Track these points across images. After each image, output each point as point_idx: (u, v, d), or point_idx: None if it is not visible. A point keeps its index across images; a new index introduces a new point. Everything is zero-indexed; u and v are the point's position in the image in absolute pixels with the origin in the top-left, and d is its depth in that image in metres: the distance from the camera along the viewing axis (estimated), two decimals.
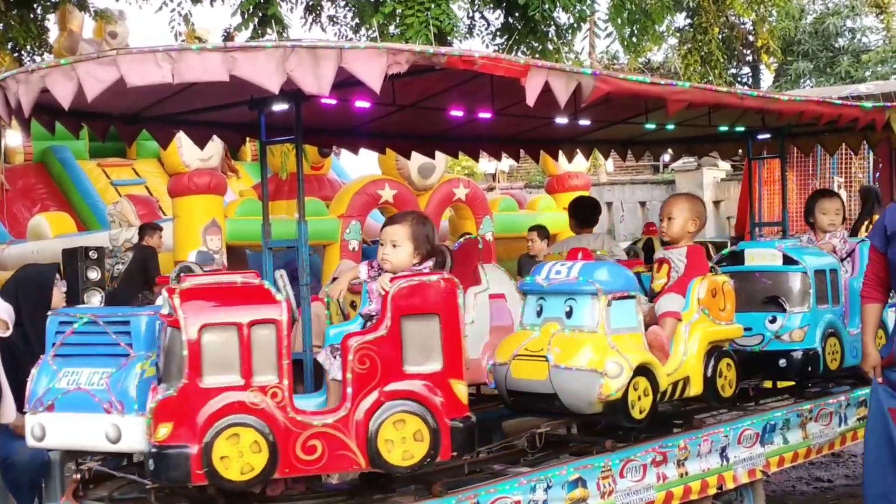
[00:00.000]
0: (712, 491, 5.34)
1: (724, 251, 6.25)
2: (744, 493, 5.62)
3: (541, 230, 11.26)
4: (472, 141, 7.43)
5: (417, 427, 3.96)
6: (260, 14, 12.08)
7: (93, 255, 12.98)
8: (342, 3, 15.63)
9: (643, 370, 4.76)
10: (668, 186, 23.69)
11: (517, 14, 12.76)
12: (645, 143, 8.22)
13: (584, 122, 6.63)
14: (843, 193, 13.28)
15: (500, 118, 6.19)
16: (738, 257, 6.18)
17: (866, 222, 11.82)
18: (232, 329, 3.78)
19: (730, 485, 5.45)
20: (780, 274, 6.00)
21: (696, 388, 5.15)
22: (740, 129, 7.11)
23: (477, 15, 14.60)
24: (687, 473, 5.20)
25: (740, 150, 8.18)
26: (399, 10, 11.30)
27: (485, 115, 6.12)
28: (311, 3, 15.18)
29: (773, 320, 5.90)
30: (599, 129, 7.21)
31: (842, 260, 6.42)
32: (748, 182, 8.12)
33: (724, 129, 7.10)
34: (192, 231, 12.77)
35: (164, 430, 3.70)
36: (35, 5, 13.66)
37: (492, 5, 13.37)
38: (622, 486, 4.85)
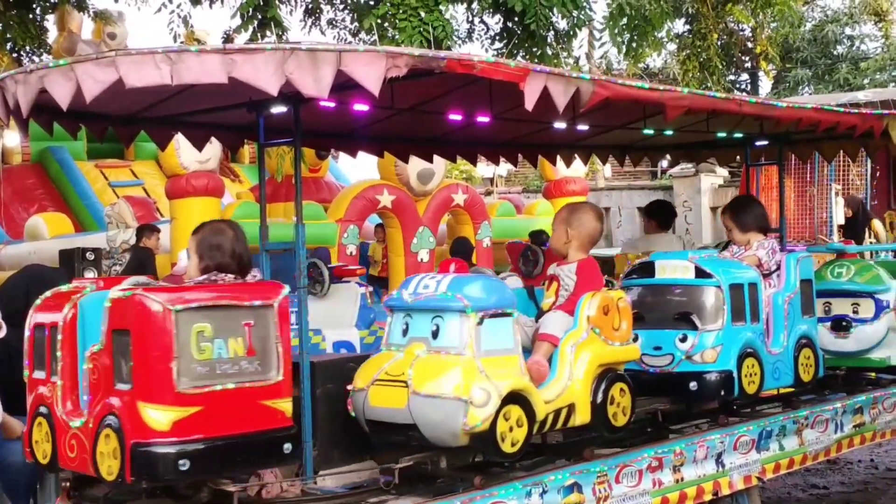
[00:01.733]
0: (708, 497, 5.34)
1: (636, 263, 5.82)
2: (739, 499, 5.61)
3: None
4: (471, 145, 7.42)
5: (114, 445, 3.74)
6: (259, 16, 12.10)
7: (90, 256, 12.97)
8: (341, 7, 15.64)
9: (516, 398, 4.25)
10: (666, 192, 23.69)
11: (515, 19, 12.77)
12: (643, 148, 8.21)
13: (583, 127, 6.63)
14: (840, 201, 13.31)
15: (499, 122, 6.18)
16: (648, 269, 5.68)
17: (866, 228, 11.85)
18: None
19: (725, 491, 5.45)
20: (692, 288, 5.47)
21: (582, 417, 4.64)
22: (738, 135, 7.10)
23: (476, 20, 14.61)
24: (683, 479, 5.21)
25: (738, 157, 8.19)
26: (392, 14, 11.30)
27: (483, 119, 6.11)
28: (310, 6, 15.19)
29: (684, 339, 5.37)
30: (598, 135, 7.21)
31: (769, 273, 6.02)
32: (746, 188, 8.13)
33: (722, 135, 7.09)
34: (190, 233, 12.76)
35: None
36: (34, 6, 13.66)
37: (490, 10, 13.37)
38: (618, 491, 4.85)
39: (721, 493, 5.42)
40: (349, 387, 4.43)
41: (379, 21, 11.40)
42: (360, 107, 5.30)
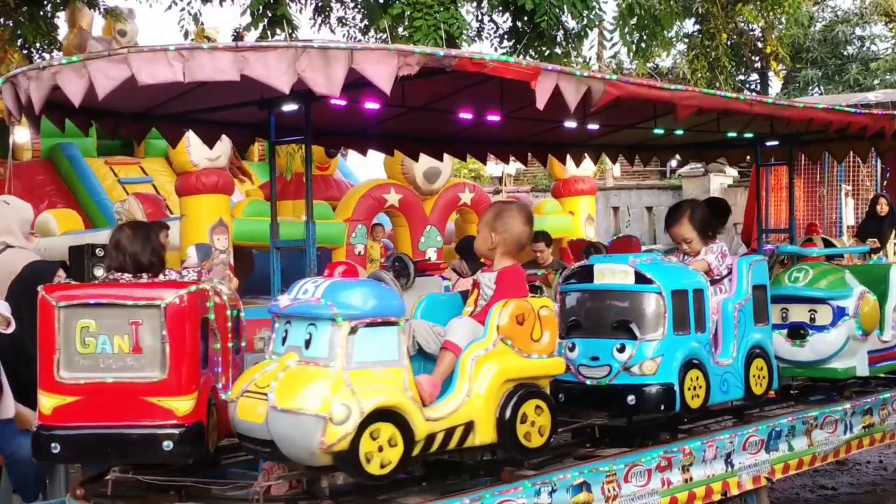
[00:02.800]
0: (717, 497, 5.34)
1: (575, 266, 5.42)
2: (748, 499, 5.61)
3: (546, 237, 11.20)
4: (481, 143, 7.44)
5: None
6: (269, 14, 12.10)
7: (99, 252, 12.91)
8: (351, 5, 15.64)
9: (387, 415, 3.87)
10: (675, 192, 23.68)
11: (525, 18, 12.77)
12: (653, 148, 8.21)
13: (593, 126, 6.63)
14: (850, 201, 13.29)
15: (509, 121, 6.19)
16: (587, 274, 5.27)
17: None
18: None
19: (734, 491, 5.44)
20: (631, 294, 5.08)
21: (484, 436, 4.20)
22: (749, 135, 7.10)
23: (486, 18, 14.60)
24: (692, 479, 5.20)
25: (748, 157, 8.18)
26: (407, 13, 11.30)
27: (494, 117, 6.12)
28: (320, 4, 15.18)
29: (622, 349, 4.99)
30: (608, 134, 7.21)
31: (719, 279, 5.66)
32: (755, 188, 8.13)
33: (732, 135, 7.09)
34: (200, 230, 12.76)
35: None
36: (45, 2, 13.68)
37: (500, 9, 13.36)
38: (627, 490, 4.85)
39: (730, 494, 5.42)
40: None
41: (392, 23, 11.41)
42: (371, 105, 5.31)
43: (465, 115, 6.16)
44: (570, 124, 6.30)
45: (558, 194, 17.02)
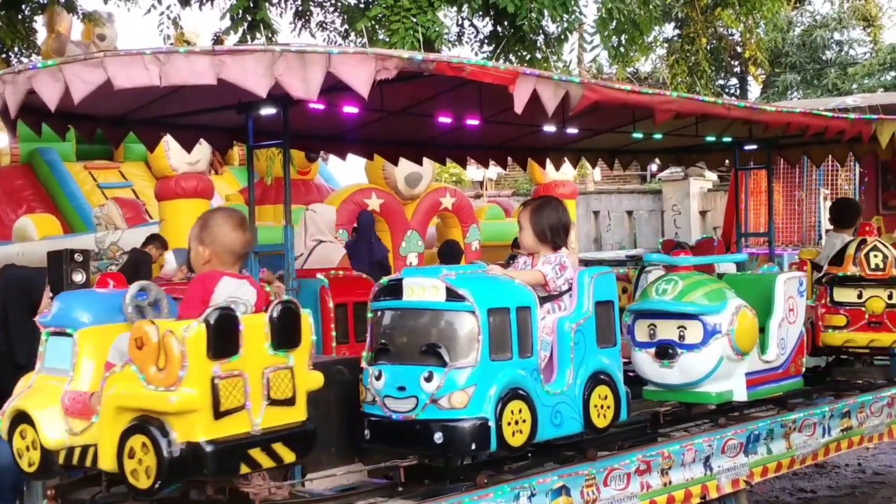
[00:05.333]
0: (696, 501, 5.34)
1: (383, 280, 4.59)
2: (727, 502, 5.61)
3: None
4: (460, 148, 7.44)
5: None
6: (249, 18, 12.07)
7: (78, 257, 12.81)
8: (331, 9, 15.62)
9: (28, 419, 3.98)
10: (656, 196, 23.76)
11: (505, 23, 12.77)
12: (632, 152, 8.24)
13: (572, 130, 6.65)
14: (828, 205, 13.35)
15: (488, 125, 6.20)
16: (398, 289, 4.49)
17: None
18: None
19: (713, 495, 5.45)
20: (441, 314, 4.33)
21: (107, 462, 3.80)
22: (727, 139, 7.13)
23: (466, 23, 14.61)
24: (671, 483, 5.21)
25: (727, 161, 8.22)
26: (385, 16, 11.29)
27: (473, 122, 6.13)
28: (300, 8, 15.16)
29: (430, 378, 4.25)
30: (587, 138, 7.23)
31: (558, 295, 4.89)
32: (734, 192, 8.16)
33: (711, 139, 7.12)
34: (179, 235, 12.72)
35: None
36: (23, 6, 13.61)
37: (480, 13, 13.37)
38: (606, 494, 4.85)
39: (709, 497, 5.43)
40: None
41: (371, 24, 11.39)
42: (350, 109, 5.31)
43: (445, 119, 6.17)
44: (550, 128, 6.31)
45: None
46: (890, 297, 6.78)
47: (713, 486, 5.45)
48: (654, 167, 23.47)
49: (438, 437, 4.22)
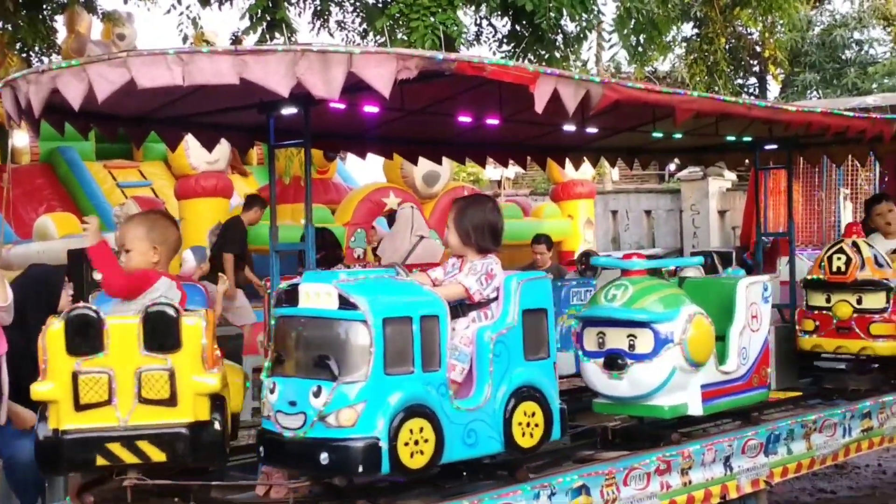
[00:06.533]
0: (716, 500, 5.34)
1: (283, 285, 4.29)
2: (747, 503, 5.60)
3: (547, 241, 11.21)
4: (480, 147, 7.45)
5: None
6: (268, 18, 12.11)
7: None
8: (350, 9, 15.65)
9: None
10: (674, 195, 23.70)
11: (524, 22, 12.77)
12: (652, 151, 8.22)
13: (592, 129, 6.64)
14: (848, 205, 13.30)
15: (508, 125, 6.20)
16: (295, 295, 4.21)
17: None
18: None
19: (733, 495, 5.45)
20: (333, 323, 4.04)
21: None
22: (747, 139, 7.11)
23: (484, 22, 14.61)
24: (690, 482, 5.20)
25: (747, 160, 8.19)
26: (404, 14, 11.30)
27: (493, 121, 6.13)
28: (319, 7, 15.20)
29: (318, 392, 3.96)
30: (606, 137, 7.22)
31: (486, 303, 4.55)
32: (754, 192, 8.13)
33: (731, 138, 7.10)
34: (199, 233, 12.79)
35: None
36: (44, 7, 13.69)
37: (499, 13, 13.37)
38: (626, 493, 4.85)
39: (729, 497, 5.42)
40: None
41: (391, 23, 11.40)
42: (370, 108, 5.32)
43: (464, 119, 6.17)
44: (569, 128, 6.30)
45: (557, 198, 17.05)
46: (859, 301, 6.57)
47: (733, 486, 5.45)
48: (672, 167, 23.37)
49: (324, 457, 3.94)
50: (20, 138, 18.46)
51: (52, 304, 6.17)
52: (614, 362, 5.14)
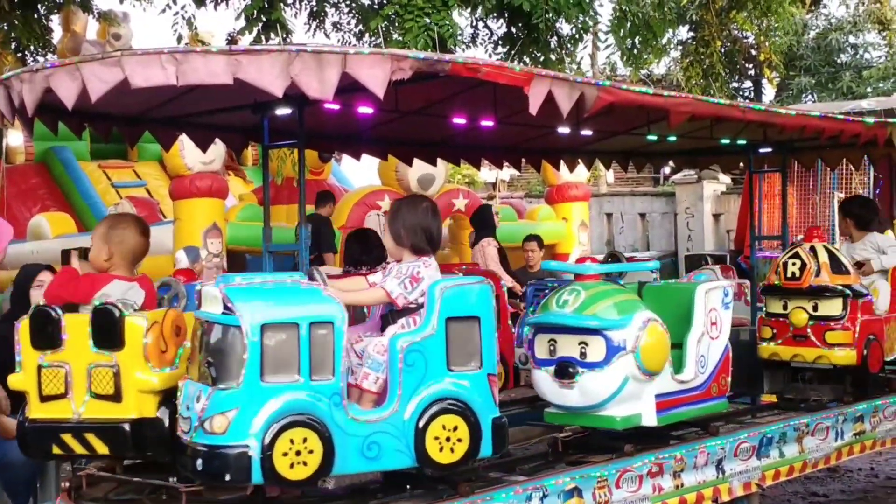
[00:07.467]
0: (708, 503, 5.34)
1: (197, 286, 4.28)
2: None
3: (538, 240, 11.24)
4: (474, 149, 7.45)
5: None
6: (264, 19, 12.11)
7: None
8: (346, 10, 15.65)
9: None
10: (669, 198, 23.73)
11: (520, 24, 12.78)
12: (647, 154, 8.23)
13: (587, 132, 6.64)
14: None
15: (503, 127, 6.20)
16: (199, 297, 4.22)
17: None
18: None
19: (725, 497, 5.45)
20: (214, 327, 3.97)
21: None
22: (742, 142, 7.12)
23: (480, 24, 14.62)
24: (683, 485, 5.20)
25: (741, 164, 8.20)
26: (399, 14, 11.31)
27: (487, 123, 6.13)
28: (315, 8, 15.20)
29: (199, 397, 3.92)
30: (601, 140, 7.23)
31: (415, 308, 4.35)
32: (748, 195, 8.13)
33: (725, 141, 7.11)
34: (193, 234, 12.78)
35: None
36: (39, 6, 13.66)
37: (494, 14, 13.38)
38: (618, 496, 4.85)
39: (721, 500, 5.42)
40: None
41: (385, 24, 11.41)
42: (365, 109, 5.32)
43: (459, 120, 6.17)
44: (564, 130, 6.30)
45: (552, 200, 17.04)
46: (815, 308, 6.36)
47: (725, 489, 5.45)
48: (667, 170, 23.40)
49: (199, 463, 3.86)
50: (15, 138, 18.45)
51: (24, 301, 6.19)
52: (565, 370, 4.94)
